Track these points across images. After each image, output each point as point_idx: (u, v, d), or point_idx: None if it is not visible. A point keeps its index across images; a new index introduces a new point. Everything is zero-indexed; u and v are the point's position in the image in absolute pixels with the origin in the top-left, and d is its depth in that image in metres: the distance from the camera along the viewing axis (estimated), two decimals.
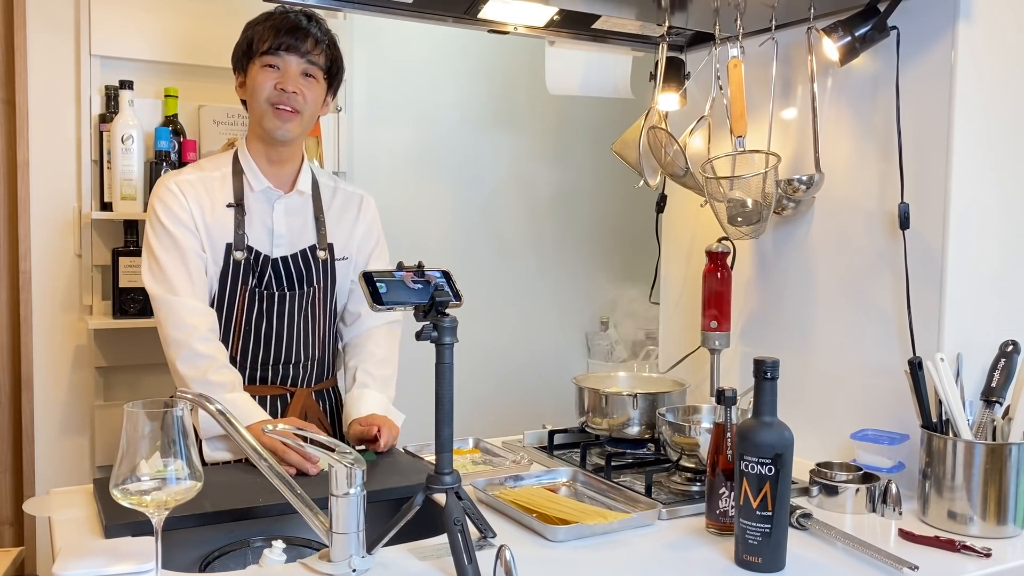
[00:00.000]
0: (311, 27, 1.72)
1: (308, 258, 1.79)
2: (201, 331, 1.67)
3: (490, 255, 3.10)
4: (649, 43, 2.02)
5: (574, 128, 3.21)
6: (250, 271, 1.74)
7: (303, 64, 1.71)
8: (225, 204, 1.74)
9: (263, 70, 1.71)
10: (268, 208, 1.77)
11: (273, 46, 1.69)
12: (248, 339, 1.76)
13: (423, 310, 1.23)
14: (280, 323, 1.76)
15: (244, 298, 1.74)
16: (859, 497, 1.45)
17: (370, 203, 1.92)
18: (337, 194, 1.88)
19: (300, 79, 1.72)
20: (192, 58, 2.43)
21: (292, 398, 1.81)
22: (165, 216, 1.70)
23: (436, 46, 2.93)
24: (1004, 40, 1.57)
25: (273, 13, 1.74)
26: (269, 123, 1.72)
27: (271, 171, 1.78)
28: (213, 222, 1.73)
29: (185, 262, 1.70)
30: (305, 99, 1.72)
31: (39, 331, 2.32)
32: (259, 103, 1.72)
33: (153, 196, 1.75)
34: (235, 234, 1.73)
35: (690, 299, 2.08)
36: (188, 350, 1.65)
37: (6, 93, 2.34)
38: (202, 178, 1.75)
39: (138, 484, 1.04)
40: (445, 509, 1.18)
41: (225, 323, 1.75)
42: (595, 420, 1.78)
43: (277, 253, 1.76)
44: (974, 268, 1.56)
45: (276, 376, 1.79)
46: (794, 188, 1.73)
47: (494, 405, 3.02)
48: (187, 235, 1.70)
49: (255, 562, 1.28)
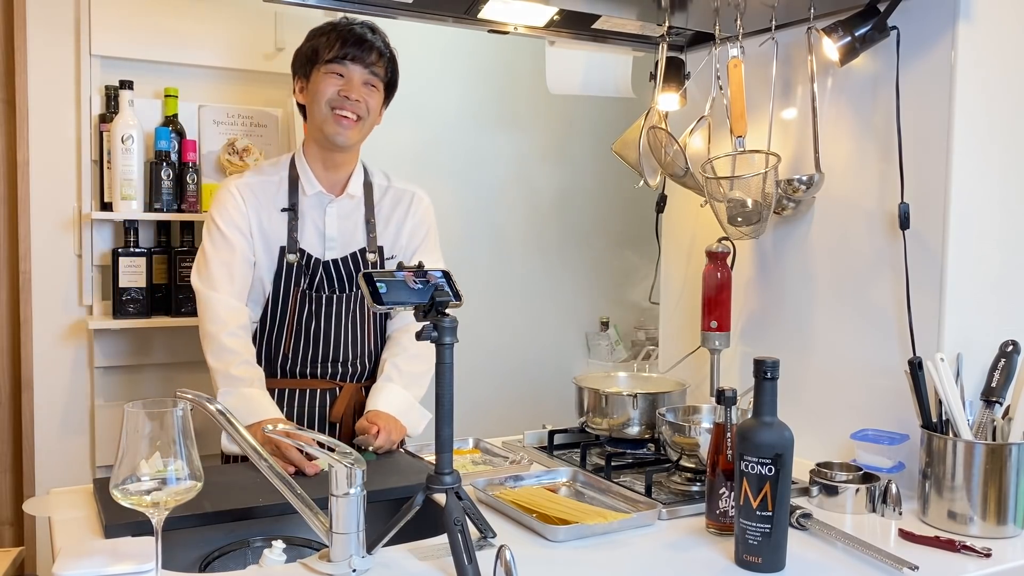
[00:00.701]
0: (375, 40, 1.78)
1: (359, 261, 1.83)
2: (231, 327, 1.73)
3: (490, 255, 3.10)
4: (649, 43, 2.02)
5: (574, 128, 3.21)
6: (302, 273, 1.79)
7: (366, 74, 1.76)
8: (279, 208, 1.79)
9: (327, 77, 1.75)
10: (320, 212, 1.82)
11: (339, 55, 1.74)
12: (299, 338, 1.81)
13: (423, 310, 1.23)
14: (328, 324, 1.81)
15: (296, 299, 1.79)
16: (859, 497, 1.45)
17: (421, 199, 1.94)
18: (388, 193, 1.91)
19: (363, 88, 1.76)
20: (192, 58, 2.43)
21: (340, 392, 1.85)
22: (220, 218, 1.77)
23: (436, 46, 2.93)
24: (1004, 40, 1.57)
25: (338, 23, 1.79)
26: (330, 128, 1.76)
27: (325, 176, 1.83)
28: (269, 226, 1.79)
29: (230, 262, 1.76)
30: (368, 107, 1.77)
31: (39, 331, 2.32)
32: (320, 108, 1.76)
33: (216, 196, 1.81)
34: (288, 237, 1.78)
35: (690, 299, 2.08)
36: (217, 344, 1.72)
37: (6, 93, 2.34)
38: (261, 182, 1.81)
39: (138, 484, 1.04)
40: (445, 509, 1.19)
41: (279, 322, 1.81)
42: (595, 420, 1.78)
43: (329, 256, 1.81)
44: (974, 268, 1.56)
45: (325, 372, 1.84)
46: (794, 188, 1.73)
47: (494, 405, 3.02)
48: (239, 237, 1.77)
49: (255, 562, 1.29)
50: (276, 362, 1.83)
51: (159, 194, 2.33)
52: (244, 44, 2.47)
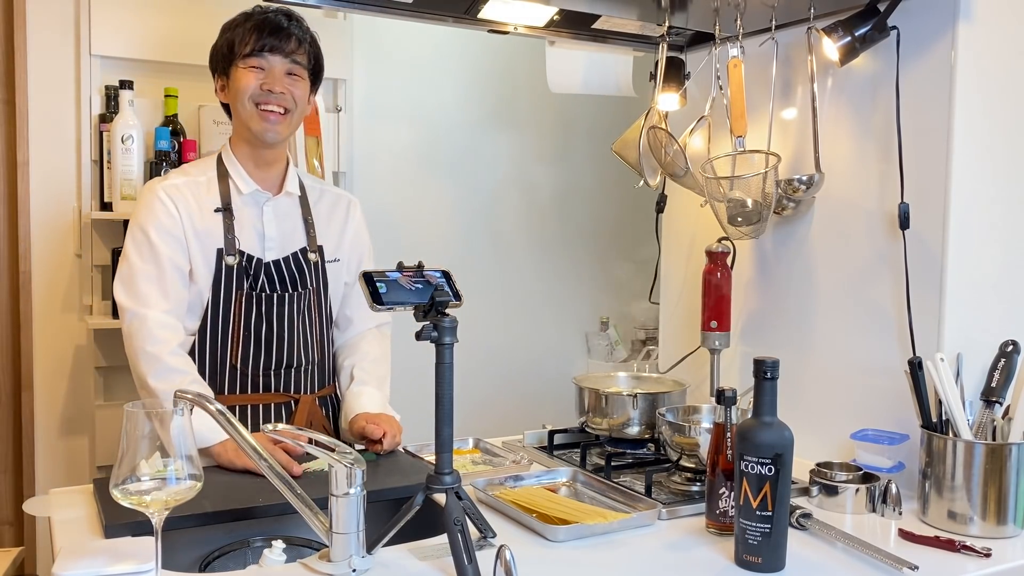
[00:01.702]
0: (293, 27, 1.71)
1: (300, 261, 1.77)
2: (171, 345, 1.64)
3: (490, 255, 3.10)
4: (649, 43, 2.02)
5: (574, 128, 3.21)
6: (243, 275, 1.71)
7: (287, 64, 1.70)
8: (212, 209, 1.71)
9: (247, 71, 1.68)
10: (257, 211, 1.75)
11: (256, 48, 1.67)
12: (248, 344, 1.72)
13: (423, 310, 1.23)
14: (280, 325, 1.74)
15: (241, 303, 1.71)
16: (859, 497, 1.45)
17: (357, 206, 1.91)
18: (324, 196, 1.86)
19: (286, 79, 1.70)
20: (192, 58, 2.42)
21: (296, 406, 1.79)
22: (149, 223, 1.67)
23: (436, 46, 2.93)
24: (1004, 40, 1.57)
25: (251, 13, 1.71)
26: (256, 125, 1.70)
27: (258, 174, 1.76)
28: (202, 228, 1.70)
29: (161, 274, 1.66)
30: (294, 98, 1.71)
31: (39, 331, 2.32)
32: (244, 104, 1.69)
33: (139, 202, 1.72)
34: (225, 239, 1.70)
35: (690, 299, 2.08)
36: (161, 364, 1.61)
37: (6, 93, 2.34)
38: (188, 183, 1.73)
39: (138, 484, 1.04)
40: (445, 509, 1.18)
41: (223, 330, 1.71)
42: (595, 420, 1.78)
43: (269, 256, 1.74)
44: (974, 268, 1.56)
45: (279, 383, 1.76)
46: (794, 188, 1.73)
47: (494, 405, 3.02)
48: (170, 244, 1.67)
49: (255, 562, 1.29)
50: (224, 376, 1.72)
51: None
52: None
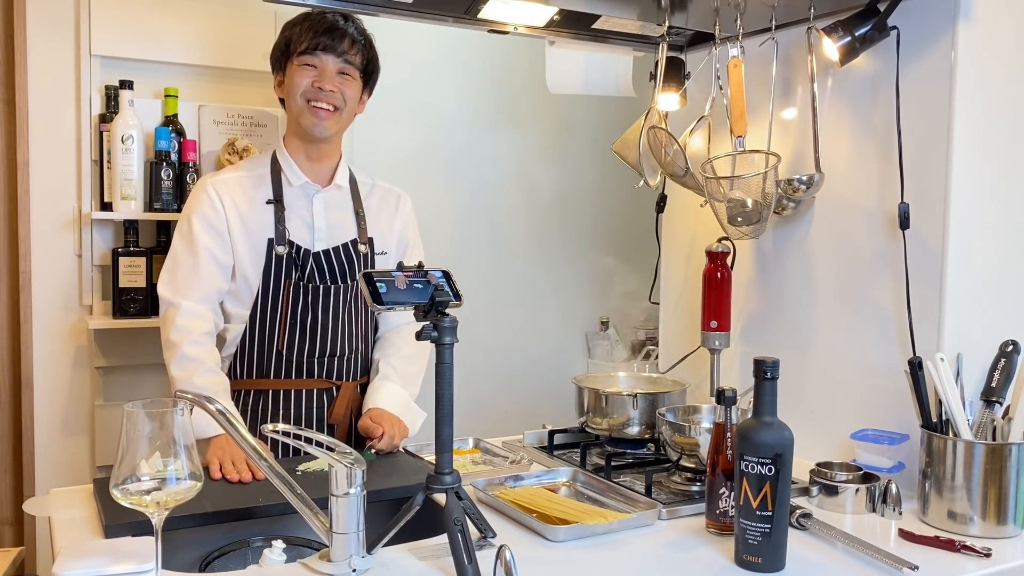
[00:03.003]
0: (348, 27, 1.76)
1: (350, 252, 1.82)
2: (195, 335, 1.70)
3: (490, 255, 3.10)
4: (649, 43, 2.02)
5: (574, 128, 3.21)
6: (292, 265, 1.77)
7: (340, 63, 1.75)
8: (264, 201, 1.78)
9: (301, 69, 1.75)
10: (307, 203, 1.81)
11: (311, 46, 1.73)
12: (294, 332, 1.78)
13: (423, 310, 1.23)
14: (325, 316, 1.79)
15: (288, 292, 1.77)
16: (859, 497, 1.45)
17: (407, 201, 1.97)
18: (375, 190, 1.92)
19: (337, 77, 1.76)
20: (192, 58, 2.43)
21: (338, 392, 1.83)
22: (194, 216, 1.76)
23: (436, 46, 2.93)
24: (1004, 40, 1.57)
25: (311, 14, 1.77)
26: (306, 120, 1.76)
27: (309, 167, 1.83)
28: (252, 220, 1.76)
29: (196, 264, 1.74)
30: (344, 97, 1.77)
31: (39, 331, 2.32)
32: (296, 100, 1.76)
33: (190, 196, 1.80)
34: (276, 229, 1.77)
35: (690, 299, 2.08)
36: (179, 353, 1.68)
37: (6, 93, 2.34)
38: (239, 178, 1.80)
39: (138, 484, 1.04)
40: (445, 509, 1.19)
41: (271, 318, 1.78)
42: (595, 420, 1.78)
43: (318, 247, 1.80)
44: (974, 268, 1.56)
45: (322, 370, 1.81)
46: (794, 188, 1.73)
47: (494, 405, 3.02)
48: (211, 236, 1.74)
49: (255, 562, 1.29)
50: (269, 362, 1.79)
51: (159, 194, 2.33)
52: (244, 44, 2.47)
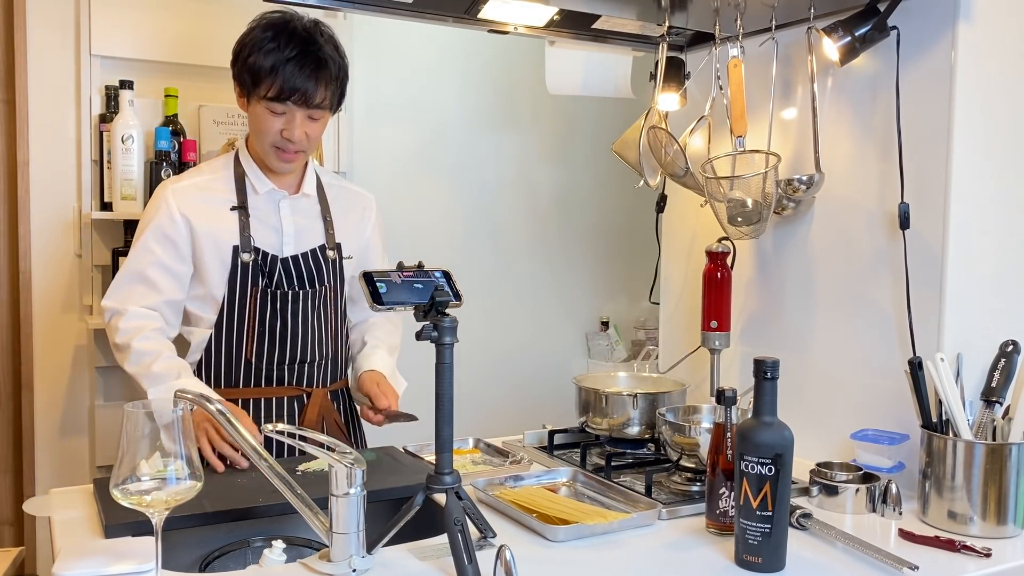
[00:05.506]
0: (321, 73, 1.64)
1: (318, 257, 1.80)
2: (144, 332, 1.66)
3: (490, 255, 3.10)
4: (649, 43, 2.02)
5: (574, 128, 3.21)
6: (259, 272, 1.73)
7: (309, 110, 1.68)
8: (228, 207, 1.73)
9: (267, 113, 1.67)
10: (274, 208, 1.78)
11: (281, 96, 1.64)
12: (263, 340, 1.75)
13: (423, 310, 1.23)
14: (295, 322, 1.76)
15: (256, 299, 1.73)
16: (859, 497, 1.45)
17: (374, 204, 1.95)
18: (342, 193, 1.89)
19: (306, 123, 1.69)
20: (192, 58, 2.43)
21: (309, 399, 1.80)
22: (148, 228, 1.71)
23: (436, 46, 2.93)
24: (1004, 40, 1.57)
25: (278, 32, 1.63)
26: (272, 162, 1.73)
27: (275, 176, 1.78)
28: (217, 226, 1.72)
29: (147, 276, 1.69)
30: (309, 139, 1.71)
31: (39, 331, 2.32)
32: (262, 142, 1.71)
33: (148, 205, 1.77)
34: (241, 236, 1.72)
35: (690, 299, 2.08)
36: (131, 352, 1.65)
37: (6, 93, 2.34)
38: (199, 183, 1.75)
39: (138, 484, 1.04)
40: (445, 509, 1.18)
41: (239, 326, 1.74)
42: (595, 420, 1.78)
43: (286, 252, 1.77)
44: (974, 268, 1.56)
45: (292, 376, 1.78)
46: (794, 188, 1.73)
47: (494, 405, 3.02)
48: (164, 246, 1.70)
49: (255, 562, 1.29)
50: (238, 370, 1.75)
51: None
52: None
